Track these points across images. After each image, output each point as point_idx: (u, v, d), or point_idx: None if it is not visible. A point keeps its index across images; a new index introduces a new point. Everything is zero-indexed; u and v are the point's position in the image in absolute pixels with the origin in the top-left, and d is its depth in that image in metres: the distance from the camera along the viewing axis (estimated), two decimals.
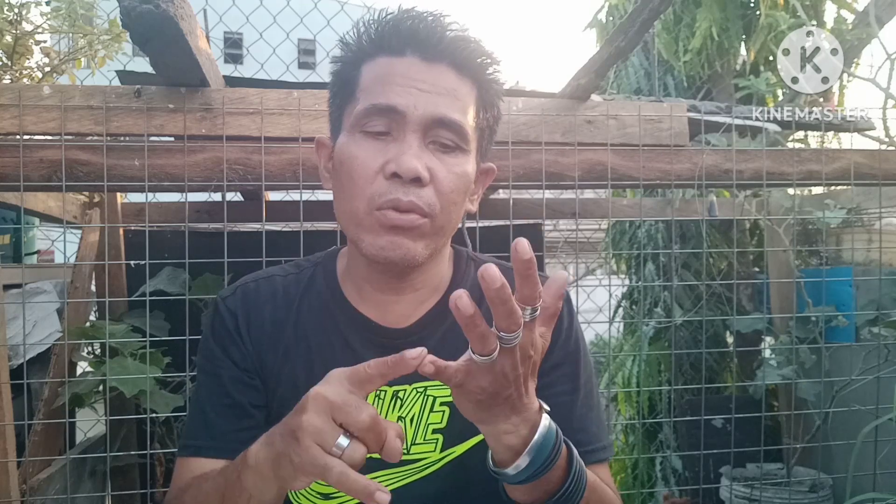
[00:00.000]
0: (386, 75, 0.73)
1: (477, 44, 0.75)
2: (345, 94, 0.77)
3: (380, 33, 0.75)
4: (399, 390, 0.80)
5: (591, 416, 0.81)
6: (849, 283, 2.19)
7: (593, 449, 0.79)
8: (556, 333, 0.80)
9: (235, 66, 7.18)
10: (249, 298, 0.84)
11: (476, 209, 0.83)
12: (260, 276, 0.87)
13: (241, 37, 4.64)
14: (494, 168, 0.85)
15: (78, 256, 1.89)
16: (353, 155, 0.73)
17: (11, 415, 1.42)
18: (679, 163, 1.61)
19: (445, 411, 0.80)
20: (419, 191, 0.71)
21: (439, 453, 0.80)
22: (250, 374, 0.81)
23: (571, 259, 4.10)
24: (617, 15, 3.17)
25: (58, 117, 1.37)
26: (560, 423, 0.74)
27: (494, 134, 0.83)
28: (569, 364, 0.82)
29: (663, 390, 2.91)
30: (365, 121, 0.73)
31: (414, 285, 0.80)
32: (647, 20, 1.38)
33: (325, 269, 0.85)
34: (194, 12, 1.25)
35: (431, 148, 0.73)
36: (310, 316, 0.82)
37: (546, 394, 0.77)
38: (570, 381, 0.81)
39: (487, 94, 0.78)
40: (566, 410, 0.78)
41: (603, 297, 2.87)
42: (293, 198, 2.22)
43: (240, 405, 0.80)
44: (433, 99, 0.72)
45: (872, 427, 1.60)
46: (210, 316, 0.85)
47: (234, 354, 0.81)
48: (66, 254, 1.78)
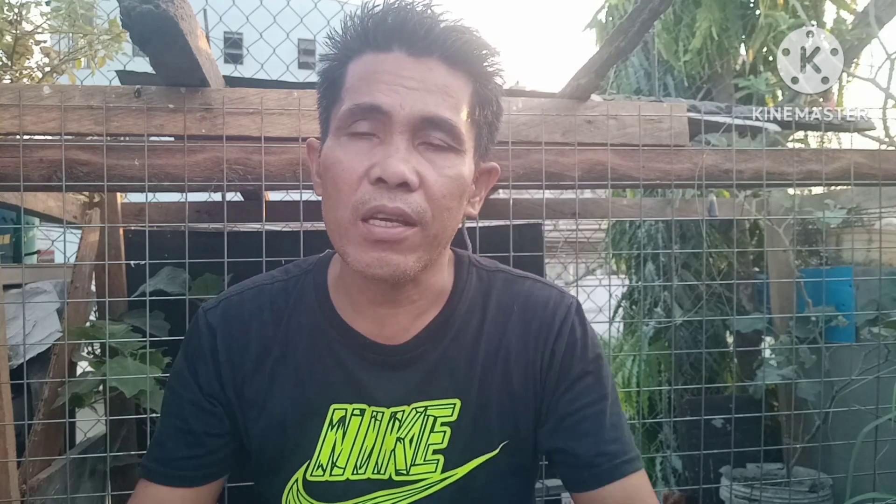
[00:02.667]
0: (371, 73, 0.68)
1: (472, 34, 0.70)
2: (331, 94, 0.73)
3: (365, 28, 0.69)
4: (397, 411, 0.76)
5: (621, 425, 0.77)
6: (849, 283, 2.19)
7: (630, 458, 0.75)
8: (571, 346, 0.78)
9: (235, 66, 7.18)
10: (232, 314, 0.79)
11: (477, 213, 0.78)
12: (246, 287, 0.82)
13: (241, 37, 4.64)
14: (497, 168, 0.79)
15: (78, 256, 1.89)
16: (338, 159, 0.68)
17: (11, 415, 1.42)
18: (679, 163, 1.61)
19: (446, 432, 0.76)
20: (407, 196, 0.66)
21: (440, 474, 0.76)
22: (214, 400, 0.77)
23: (571, 259, 4.10)
24: (617, 15, 3.17)
25: (58, 117, 1.37)
26: (593, 436, 0.74)
27: (496, 131, 0.77)
28: (592, 375, 0.78)
29: (663, 390, 2.91)
30: (349, 122, 0.68)
31: (411, 297, 0.75)
32: (647, 20, 1.38)
33: (315, 280, 0.80)
34: (194, 12, 1.24)
35: (421, 149, 0.68)
36: (299, 334, 0.78)
37: (574, 407, 0.76)
38: (596, 391, 0.77)
39: (485, 88, 0.72)
40: (597, 422, 0.76)
41: (603, 297, 2.87)
42: (293, 198, 2.22)
43: (193, 433, 0.77)
44: (421, 97, 0.67)
45: (872, 427, 1.60)
46: (189, 329, 0.81)
47: (201, 377, 0.77)
48: (66, 254, 1.77)
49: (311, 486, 0.77)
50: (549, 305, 0.80)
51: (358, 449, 0.76)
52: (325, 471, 0.76)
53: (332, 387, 0.76)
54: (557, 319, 0.79)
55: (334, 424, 0.76)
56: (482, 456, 0.77)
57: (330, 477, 0.76)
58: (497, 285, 0.81)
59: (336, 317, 0.77)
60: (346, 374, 0.76)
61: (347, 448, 0.76)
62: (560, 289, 0.83)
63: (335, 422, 0.76)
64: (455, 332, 0.77)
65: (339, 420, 0.76)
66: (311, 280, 0.80)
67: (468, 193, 0.74)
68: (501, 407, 0.77)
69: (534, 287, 0.81)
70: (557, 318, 0.79)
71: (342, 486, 0.76)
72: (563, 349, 0.78)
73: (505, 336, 0.78)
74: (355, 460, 0.76)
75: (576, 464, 0.75)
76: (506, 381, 0.77)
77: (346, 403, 0.76)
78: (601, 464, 0.74)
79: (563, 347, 0.78)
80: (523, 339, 0.78)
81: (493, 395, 0.77)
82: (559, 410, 0.77)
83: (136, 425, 1.93)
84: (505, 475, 0.78)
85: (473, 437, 0.77)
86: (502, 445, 0.77)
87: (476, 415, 0.76)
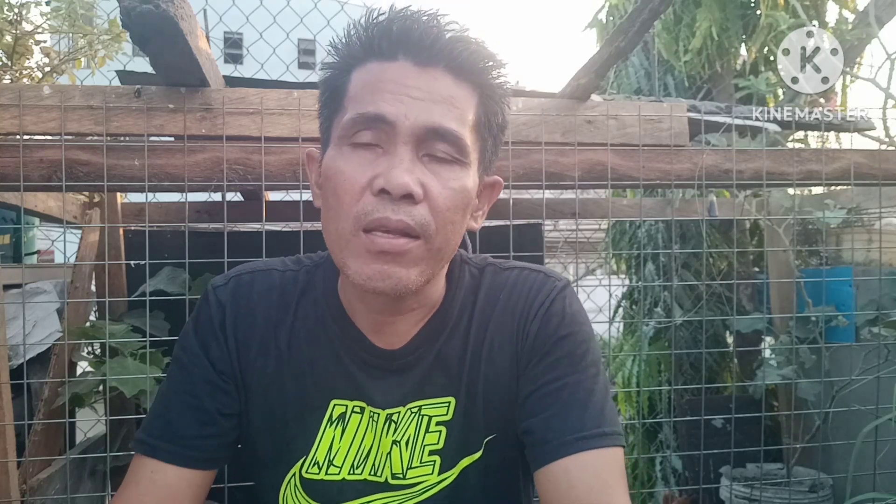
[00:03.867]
0: (375, 82, 0.67)
1: (478, 45, 0.68)
2: (333, 103, 0.71)
3: (370, 37, 0.68)
4: (392, 413, 0.75)
5: (592, 402, 0.71)
6: (849, 283, 2.19)
7: (591, 435, 0.69)
8: (546, 322, 0.75)
9: (235, 66, 7.18)
10: (242, 292, 0.78)
11: (479, 226, 0.77)
12: (257, 268, 0.81)
13: (241, 37, 4.64)
14: (501, 181, 0.78)
15: (78, 256, 1.89)
16: (339, 169, 0.66)
17: (11, 415, 1.42)
18: (679, 163, 1.61)
19: (442, 431, 0.75)
20: (411, 209, 0.64)
21: (437, 476, 0.75)
22: (226, 377, 0.76)
23: (571, 259, 4.10)
24: (617, 15, 3.17)
25: (58, 117, 1.37)
26: (549, 411, 0.70)
27: (500, 144, 0.76)
28: (562, 350, 0.74)
29: (663, 390, 2.91)
30: (352, 132, 0.66)
31: (410, 306, 0.74)
32: (647, 20, 1.38)
33: (325, 274, 0.79)
34: (194, 12, 1.24)
35: (425, 161, 0.66)
36: (305, 324, 0.77)
37: (538, 383, 0.73)
38: (563, 367, 0.73)
39: (490, 100, 0.71)
40: (557, 398, 0.72)
41: (603, 297, 2.87)
42: (293, 198, 2.22)
43: (206, 410, 0.75)
44: (427, 107, 0.65)
45: (872, 427, 1.60)
46: (198, 304, 0.79)
47: (213, 353, 0.76)
48: (66, 254, 1.78)
49: (308, 485, 0.76)
50: (534, 288, 0.77)
51: (356, 448, 0.75)
52: (320, 469, 0.75)
53: (332, 382, 0.76)
54: (539, 299, 0.76)
55: (333, 421, 0.75)
56: (469, 456, 0.76)
57: (325, 476, 0.75)
58: (486, 279, 0.79)
59: (341, 313, 0.77)
60: (345, 372, 0.75)
61: (345, 446, 0.75)
62: (549, 272, 0.80)
63: (334, 418, 0.75)
64: (449, 332, 0.77)
65: (338, 416, 0.75)
66: (321, 273, 0.79)
67: (472, 207, 0.72)
68: (487, 401, 0.76)
69: (520, 274, 0.79)
70: (539, 298, 0.76)
71: (338, 487, 0.75)
72: (538, 326, 0.75)
73: (490, 327, 0.76)
74: (352, 460, 0.75)
75: (531, 442, 0.71)
76: (492, 373, 0.76)
77: (346, 399, 0.75)
78: (551, 440, 0.69)
79: (539, 324, 0.75)
80: (509, 326, 0.76)
81: (480, 388, 0.75)
82: (526, 388, 0.74)
83: (136, 425, 1.93)
84: (494, 470, 0.77)
85: (465, 435, 0.76)
86: (487, 441, 0.76)
87: (467, 411, 0.76)
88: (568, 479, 0.67)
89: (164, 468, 0.73)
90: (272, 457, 0.77)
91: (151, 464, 0.73)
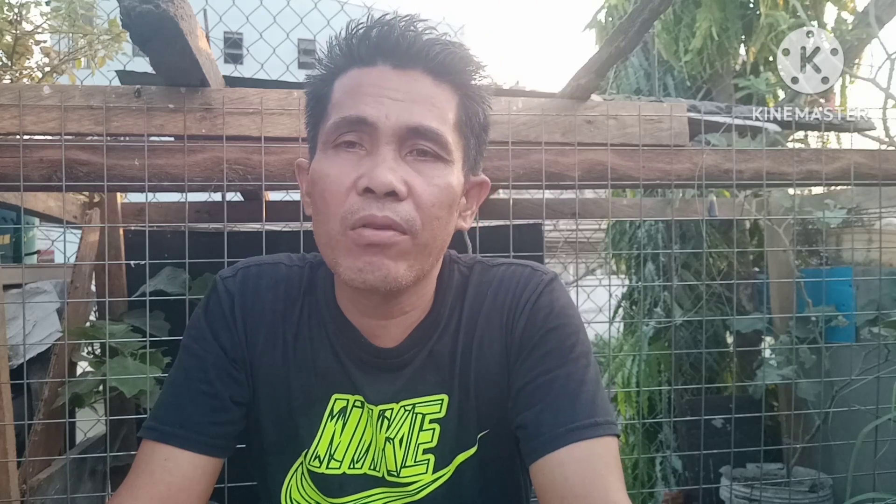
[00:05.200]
0: (356, 87, 0.69)
1: (456, 47, 0.70)
2: (318, 112, 0.73)
3: (350, 45, 0.70)
4: (385, 409, 0.75)
5: (582, 393, 0.71)
6: (849, 283, 2.19)
7: (582, 426, 0.68)
8: (533, 315, 0.75)
9: (235, 66, 7.18)
10: (250, 283, 0.79)
11: (468, 226, 0.78)
12: (264, 262, 0.82)
13: (241, 37, 4.64)
14: (488, 182, 0.79)
15: (78, 256, 1.89)
16: (325, 173, 0.68)
17: (11, 415, 1.42)
18: (679, 163, 1.61)
19: (435, 429, 0.76)
20: (396, 206, 0.66)
21: (431, 475, 0.76)
22: (237, 365, 0.77)
23: (571, 259, 4.10)
24: (617, 15, 3.17)
25: (58, 117, 1.37)
26: (539, 405, 0.70)
27: (484, 144, 0.77)
28: (551, 343, 0.74)
29: (663, 390, 2.91)
30: (335, 136, 0.68)
31: (403, 308, 0.75)
32: (647, 20, 1.39)
33: (325, 273, 0.80)
34: (194, 12, 1.24)
35: (409, 160, 0.68)
36: (309, 319, 0.79)
37: (528, 377, 0.73)
38: (552, 360, 0.73)
39: (470, 100, 0.73)
40: (547, 390, 0.71)
41: (603, 297, 2.87)
42: (293, 198, 2.23)
43: (219, 396, 0.75)
44: (407, 107, 0.67)
45: (872, 427, 1.60)
46: (206, 295, 0.81)
47: (224, 341, 0.77)
48: (66, 254, 1.78)
49: (312, 476, 0.77)
50: (521, 282, 0.78)
51: (357, 442, 0.76)
52: (321, 462, 0.76)
53: (332, 376, 0.77)
54: (526, 294, 0.77)
55: (334, 415, 0.76)
56: (464, 452, 0.76)
57: (326, 470, 0.76)
58: (475, 276, 0.80)
59: (338, 313, 0.78)
60: (342, 369, 0.76)
61: (346, 440, 0.76)
62: (535, 266, 0.81)
63: (335, 412, 0.76)
64: (441, 330, 0.77)
65: (339, 411, 0.76)
66: (323, 271, 0.81)
67: (459, 206, 0.74)
68: (479, 397, 0.76)
69: (508, 270, 0.80)
70: (527, 293, 0.77)
71: (339, 480, 0.76)
72: (526, 320, 0.75)
73: (480, 323, 0.77)
74: (353, 454, 0.76)
75: (524, 436, 0.71)
76: (483, 368, 0.76)
77: (347, 394, 0.76)
78: (543, 433, 0.69)
79: (527, 318, 0.75)
80: (497, 321, 0.77)
81: (472, 384, 0.76)
82: (517, 382, 0.74)
83: (136, 425, 1.93)
84: (489, 467, 0.78)
85: (459, 432, 0.76)
86: (480, 437, 0.77)
87: (460, 407, 0.76)
88: (562, 471, 0.67)
89: (177, 455, 0.72)
90: (279, 448, 0.78)
91: (165, 450, 0.72)
